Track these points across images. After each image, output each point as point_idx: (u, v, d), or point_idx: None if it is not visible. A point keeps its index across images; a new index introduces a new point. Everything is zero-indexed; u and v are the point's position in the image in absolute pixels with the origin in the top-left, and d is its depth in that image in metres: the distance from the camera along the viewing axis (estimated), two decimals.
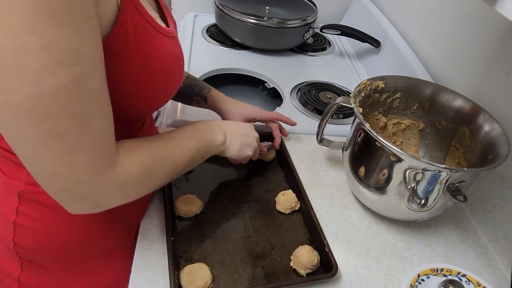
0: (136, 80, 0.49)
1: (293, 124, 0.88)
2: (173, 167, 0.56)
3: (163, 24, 0.54)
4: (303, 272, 0.63)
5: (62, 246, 0.59)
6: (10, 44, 0.34)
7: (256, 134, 0.74)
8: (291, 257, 0.66)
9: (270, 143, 0.87)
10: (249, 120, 0.83)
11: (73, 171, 0.42)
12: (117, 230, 0.64)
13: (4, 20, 0.33)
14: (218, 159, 0.84)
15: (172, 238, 0.64)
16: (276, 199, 0.75)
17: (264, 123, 0.88)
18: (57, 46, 0.36)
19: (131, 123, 0.62)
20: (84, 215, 0.49)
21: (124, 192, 0.49)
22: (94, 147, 0.42)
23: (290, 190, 0.76)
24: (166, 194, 0.71)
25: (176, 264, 0.61)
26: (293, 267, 0.64)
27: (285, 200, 0.74)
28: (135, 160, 0.49)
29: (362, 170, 0.73)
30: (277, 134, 0.86)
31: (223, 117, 0.83)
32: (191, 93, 0.82)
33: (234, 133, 0.68)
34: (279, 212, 0.74)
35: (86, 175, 0.43)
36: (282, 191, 0.76)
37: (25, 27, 0.34)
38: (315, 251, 0.65)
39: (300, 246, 0.66)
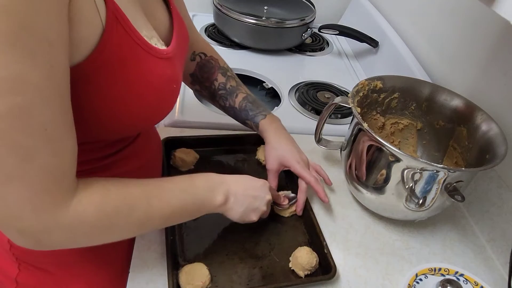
0: (120, 105, 0.47)
1: (329, 184, 0.78)
2: (145, 221, 0.49)
3: (160, 44, 0.51)
4: (301, 274, 0.63)
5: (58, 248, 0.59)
6: None
7: (268, 197, 0.64)
8: (290, 258, 0.66)
9: (293, 195, 0.75)
10: (283, 167, 0.74)
11: (7, 205, 0.39)
12: None
13: None
14: (218, 158, 0.84)
15: (171, 238, 0.64)
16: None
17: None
18: None
19: (123, 138, 0.59)
20: None
21: (72, 236, 0.44)
22: (35, 183, 0.39)
23: (290, 192, 0.76)
24: None
25: (174, 264, 0.61)
26: (291, 268, 0.64)
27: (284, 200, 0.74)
28: (94, 204, 0.44)
29: (360, 170, 0.73)
30: (302, 197, 0.72)
31: (265, 149, 0.76)
32: (245, 116, 0.76)
33: (240, 194, 0.60)
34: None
35: (22, 211, 0.39)
36: (283, 191, 0.76)
37: None
38: (314, 252, 0.65)
39: (299, 247, 0.66)
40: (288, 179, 0.81)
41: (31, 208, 0.40)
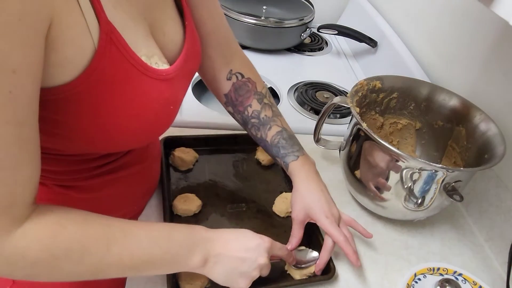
0: (112, 124, 0.45)
1: (369, 236, 0.68)
2: (98, 268, 0.44)
3: (161, 62, 0.50)
4: (297, 277, 0.63)
5: None
6: None
7: (262, 261, 0.54)
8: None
9: (315, 255, 0.64)
10: (309, 219, 0.65)
11: None
12: None
13: None
14: (217, 158, 0.84)
15: None
16: (275, 200, 0.75)
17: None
18: None
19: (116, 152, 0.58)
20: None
21: (10, 269, 0.40)
22: None
23: (291, 194, 0.75)
24: (165, 192, 0.71)
25: None
26: (287, 272, 0.64)
27: (282, 202, 0.74)
28: (41, 241, 0.40)
29: (359, 169, 0.73)
30: (325, 256, 0.62)
31: (292, 194, 0.67)
32: (276, 153, 0.69)
33: (224, 256, 0.52)
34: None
35: None
36: (283, 192, 0.76)
37: None
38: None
39: (298, 248, 0.66)
40: (287, 179, 0.81)
41: None
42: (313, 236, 0.69)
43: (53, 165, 0.53)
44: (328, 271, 0.63)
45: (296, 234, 0.64)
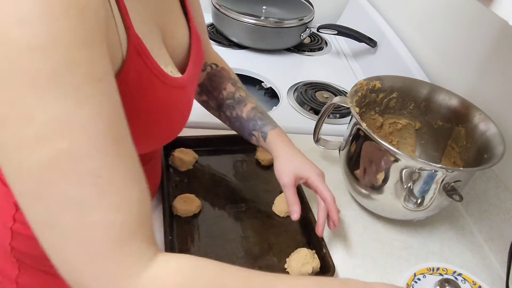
0: (131, 132, 0.44)
1: (335, 223, 0.67)
2: None
3: (175, 71, 0.50)
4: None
5: None
6: None
7: None
8: (286, 259, 0.65)
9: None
10: (300, 179, 0.67)
11: (68, 270, 0.35)
12: None
13: None
14: (217, 158, 0.84)
15: (170, 237, 0.64)
16: (275, 200, 0.75)
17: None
18: (37, 118, 0.30)
19: None
20: None
21: None
22: (92, 244, 0.33)
23: None
24: (165, 193, 0.71)
25: None
26: (287, 270, 0.64)
27: (282, 202, 0.74)
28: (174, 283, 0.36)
29: (358, 169, 0.73)
30: (323, 215, 0.66)
31: (274, 160, 0.68)
32: (253, 126, 0.70)
33: None
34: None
35: (82, 278, 0.34)
36: (282, 192, 0.76)
37: (3, 97, 0.30)
38: (314, 256, 0.65)
39: (298, 249, 0.66)
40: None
41: (91, 275, 0.34)
42: (313, 236, 0.69)
43: None
44: (328, 270, 0.63)
45: (295, 200, 0.65)
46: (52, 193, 0.31)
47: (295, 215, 0.64)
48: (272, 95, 1.16)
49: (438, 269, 0.68)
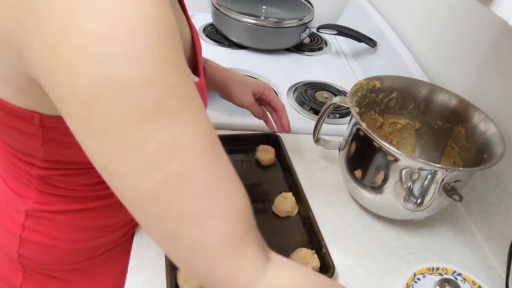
0: None
1: (287, 130, 0.79)
2: None
3: (192, 76, 0.50)
4: None
5: (68, 256, 0.59)
6: (103, 151, 0.32)
7: None
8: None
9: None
10: (257, 93, 0.74)
11: (193, 270, 0.37)
12: (118, 232, 0.64)
13: (94, 127, 0.31)
14: None
15: None
16: (275, 200, 0.75)
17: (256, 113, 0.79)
18: (147, 146, 0.31)
19: None
20: (92, 223, 0.49)
21: None
22: (209, 253, 0.35)
23: (291, 194, 0.75)
24: None
25: (172, 263, 0.61)
26: None
27: (282, 202, 0.74)
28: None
29: (358, 169, 0.73)
30: (285, 114, 0.78)
31: (226, 89, 0.72)
32: None
33: None
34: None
35: (207, 279, 0.36)
36: (283, 192, 0.76)
37: (112, 132, 0.31)
38: (314, 256, 0.65)
39: (298, 249, 0.66)
40: (286, 179, 0.81)
41: (213, 279, 0.36)
42: (313, 236, 0.69)
43: (87, 178, 0.54)
44: (328, 270, 0.63)
45: (258, 109, 0.75)
46: (168, 212, 0.34)
47: (270, 123, 0.70)
48: None
49: (438, 269, 0.68)
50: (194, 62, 0.57)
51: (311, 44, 1.38)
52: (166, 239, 0.36)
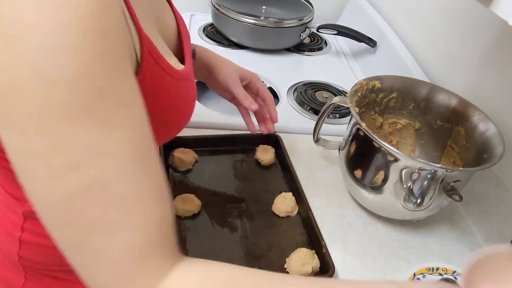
0: None
1: (275, 121, 0.78)
2: None
3: (177, 63, 0.50)
4: (296, 275, 0.63)
5: None
6: (20, 147, 0.30)
7: None
8: (286, 259, 0.65)
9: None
10: (245, 79, 0.74)
11: (94, 281, 0.35)
12: None
13: (14, 122, 0.30)
14: (217, 158, 0.84)
15: None
16: (275, 200, 0.75)
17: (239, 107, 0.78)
18: (67, 147, 0.30)
19: None
20: None
21: None
22: (116, 263, 0.34)
23: (291, 194, 0.76)
24: None
25: None
26: (286, 270, 0.64)
27: (281, 202, 0.74)
28: None
29: (358, 169, 0.73)
30: (273, 106, 0.77)
31: (214, 68, 0.72)
32: None
33: None
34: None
35: None
36: (282, 192, 0.76)
37: (33, 129, 0.30)
38: (313, 256, 0.65)
39: (298, 249, 0.66)
40: (286, 179, 0.81)
41: None
42: (313, 236, 0.69)
43: None
44: (327, 269, 0.63)
45: (242, 92, 0.72)
46: (79, 218, 0.32)
47: (253, 106, 0.71)
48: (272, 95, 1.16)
49: (438, 269, 0.68)
50: (181, 51, 0.56)
51: (311, 44, 1.38)
52: (71, 245, 0.34)
